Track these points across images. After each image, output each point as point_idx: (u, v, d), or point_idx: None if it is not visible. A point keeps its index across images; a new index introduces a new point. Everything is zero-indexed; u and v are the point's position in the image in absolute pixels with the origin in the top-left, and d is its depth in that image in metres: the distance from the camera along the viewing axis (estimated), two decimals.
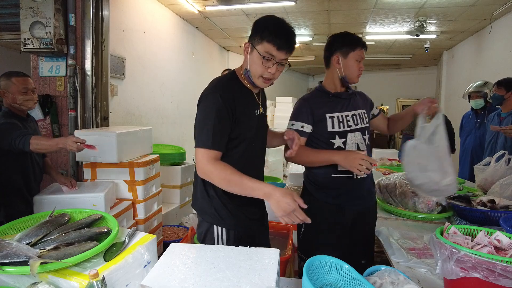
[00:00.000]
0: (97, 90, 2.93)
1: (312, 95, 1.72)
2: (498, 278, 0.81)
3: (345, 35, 1.65)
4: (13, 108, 1.94)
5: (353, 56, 1.61)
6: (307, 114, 1.63)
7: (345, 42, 1.63)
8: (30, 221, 1.23)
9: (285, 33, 1.23)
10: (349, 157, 1.48)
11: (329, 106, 1.65)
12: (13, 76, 1.92)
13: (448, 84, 6.84)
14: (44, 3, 2.65)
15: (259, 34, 1.22)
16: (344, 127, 1.63)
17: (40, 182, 2.10)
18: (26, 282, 0.95)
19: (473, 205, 1.75)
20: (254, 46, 1.23)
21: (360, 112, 1.70)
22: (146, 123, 4.04)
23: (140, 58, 3.96)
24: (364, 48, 1.64)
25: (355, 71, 1.63)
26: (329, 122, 1.62)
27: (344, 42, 1.63)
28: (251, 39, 1.25)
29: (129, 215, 2.36)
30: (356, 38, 1.64)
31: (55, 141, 1.80)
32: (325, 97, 1.68)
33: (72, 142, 1.74)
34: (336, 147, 1.62)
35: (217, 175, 1.18)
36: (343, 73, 1.63)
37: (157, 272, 0.99)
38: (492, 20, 4.62)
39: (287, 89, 9.31)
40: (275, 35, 1.20)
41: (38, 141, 1.77)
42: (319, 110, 1.63)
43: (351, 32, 1.70)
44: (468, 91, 3.34)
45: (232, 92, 1.26)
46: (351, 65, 1.62)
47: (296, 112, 1.67)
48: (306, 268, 0.94)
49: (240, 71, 1.34)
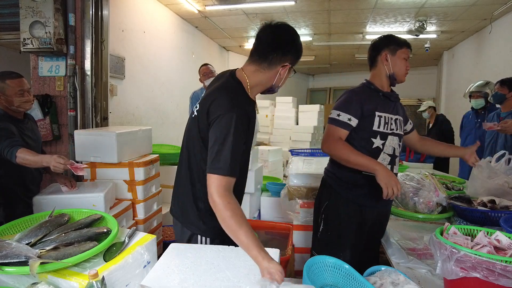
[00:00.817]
0: (97, 90, 2.93)
1: (362, 89, 1.68)
2: (498, 278, 0.81)
3: (391, 36, 1.70)
4: (9, 110, 1.89)
5: (401, 53, 1.63)
6: (356, 107, 1.58)
7: (392, 41, 1.66)
8: (30, 221, 1.22)
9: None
10: (390, 174, 1.43)
11: (379, 104, 1.62)
12: (7, 78, 1.86)
13: (449, 84, 6.83)
14: (44, 3, 2.64)
15: (297, 55, 1.25)
16: (387, 129, 1.61)
17: (40, 183, 2.10)
18: (26, 282, 0.95)
19: (474, 205, 1.75)
20: (292, 67, 1.25)
21: (400, 119, 1.69)
22: (146, 123, 4.04)
23: (139, 58, 3.96)
24: (409, 48, 1.67)
25: (403, 68, 1.64)
26: (377, 120, 1.59)
27: (391, 41, 1.66)
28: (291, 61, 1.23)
29: (128, 215, 2.35)
30: (402, 38, 1.68)
31: (39, 158, 1.72)
32: (374, 93, 1.65)
33: (57, 162, 1.67)
34: (375, 147, 1.60)
35: (225, 213, 1.04)
36: (391, 70, 1.64)
37: (157, 272, 0.98)
38: (493, 20, 4.62)
39: (287, 89, 9.30)
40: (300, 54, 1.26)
41: (24, 155, 1.70)
42: (370, 106, 1.59)
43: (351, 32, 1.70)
44: (469, 91, 3.33)
45: (246, 109, 1.19)
46: (399, 62, 1.63)
47: (344, 103, 1.61)
48: (306, 268, 0.94)
49: (246, 80, 1.25)
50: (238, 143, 1.12)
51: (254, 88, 1.26)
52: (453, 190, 2.25)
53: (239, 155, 1.13)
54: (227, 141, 1.10)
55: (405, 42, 1.66)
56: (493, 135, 2.91)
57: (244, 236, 1.00)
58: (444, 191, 1.87)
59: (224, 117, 1.13)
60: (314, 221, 1.77)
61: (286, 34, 1.22)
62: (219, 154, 1.10)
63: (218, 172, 1.08)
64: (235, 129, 1.11)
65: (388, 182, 1.41)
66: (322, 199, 1.72)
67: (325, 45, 6.36)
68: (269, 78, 1.24)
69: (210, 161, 1.11)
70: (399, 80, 1.67)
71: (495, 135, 2.89)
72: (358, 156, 1.50)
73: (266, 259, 0.95)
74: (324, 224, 1.68)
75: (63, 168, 1.69)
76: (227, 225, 1.03)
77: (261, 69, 1.22)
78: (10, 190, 1.91)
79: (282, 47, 1.19)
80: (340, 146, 1.52)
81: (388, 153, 1.61)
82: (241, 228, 1.01)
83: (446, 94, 6.91)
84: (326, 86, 10.04)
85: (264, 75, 1.23)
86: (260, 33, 1.23)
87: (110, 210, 2.11)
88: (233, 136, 1.10)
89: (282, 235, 2.53)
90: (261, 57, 1.21)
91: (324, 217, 1.69)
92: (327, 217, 1.68)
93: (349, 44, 6.26)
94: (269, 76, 1.23)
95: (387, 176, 1.42)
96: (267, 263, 0.94)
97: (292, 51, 1.22)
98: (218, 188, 1.07)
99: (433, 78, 8.22)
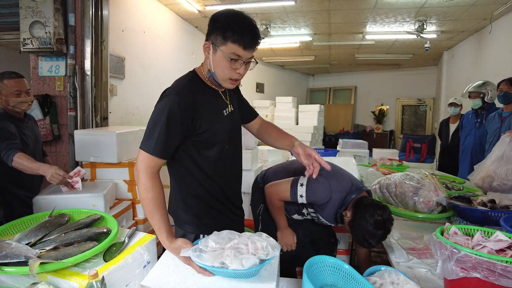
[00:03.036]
0: (97, 90, 2.93)
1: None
2: (498, 278, 0.80)
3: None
4: (8, 109, 1.90)
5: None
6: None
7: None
8: (30, 221, 1.22)
9: (249, 30, 1.12)
10: (285, 239, 1.62)
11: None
12: (5, 78, 1.86)
13: (448, 84, 6.83)
14: (44, 3, 2.64)
15: (221, 34, 1.11)
16: None
17: (40, 183, 2.09)
18: (26, 282, 0.95)
19: (474, 205, 1.75)
20: (217, 46, 1.12)
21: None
22: (146, 123, 4.00)
23: (139, 58, 3.96)
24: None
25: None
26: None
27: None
28: (212, 38, 1.13)
29: (128, 215, 2.35)
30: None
31: (36, 166, 1.70)
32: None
33: (56, 174, 1.67)
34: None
35: (144, 190, 1.12)
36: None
37: (157, 272, 0.98)
38: (492, 20, 4.62)
39: (287, 89, 9.31)
40: (240, 34, 1.09)
41: (21, 161, 1.68)
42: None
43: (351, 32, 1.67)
44: (467, 91, 3.33)
45: (192, 94, 1.17)
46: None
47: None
48: (306, 268, 0.94)
49: (202, 71, 1.25)
50: (169, 127, 1.13)
51: (212, 77, 1.21)
52: (453, 190, 2.25)
53: (171, 138, 1.15)
54: (158, 122, 1.14)
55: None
56: (495, 133, 2.89)
57: (158, 220, 1.11)
58: (444, 190, 1.87)
59: (160, 100, 1.19)
60: (254, 223, 1.80)
61: (214, 14, 1.15)
62: (150, 133, 1.15)
63: (146, 149, 1.14)
64: (166, 109, 1.13)
65: (287, 244, 1.62)
66: (257, 202, 1.75)
67: (325, 45, 6.36)
68: (206, 61, 1.21)
69: (143, 139, 1.17)
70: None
71: (497, 134, 2.87)
72: (278, 215, 1.62)
73: (169, 240, 1.09)
74: (262, 225, 1.73)
75: (61, 181, 1.72)
76: (146, 206, 1.12)
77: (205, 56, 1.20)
78: (10, 190, 1.91)
79: (211, 26, 1.15)
80: (275, 205, 1.60)
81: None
82: (157, 212, 1.11)
83: (446, 94, 6.91)
84: (326, 86, 10.04)
85: (207, 60, 1.20)
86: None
87: (110, 210, 2.11)
88: (165, 118, 1.13)
89: None
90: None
91: (261, 218, 1.74)
92: (264, 218, 1.72)
93: (349, 44, 6.26)
94: (208, 59, 1.18)
95: (283, 239, 1.61)
96: (168, 243, 1.09)
97: (212, 27, 1.14)
98: (147, 168, 1.12)
99: (433, 78, 8.22)
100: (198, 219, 1.29)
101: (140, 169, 1.13)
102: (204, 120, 1.19)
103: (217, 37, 1.12)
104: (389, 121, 9.20)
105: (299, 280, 1.10)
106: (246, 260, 0.91)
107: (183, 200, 1.30)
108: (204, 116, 1.19)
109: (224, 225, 1.31)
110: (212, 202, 1.31)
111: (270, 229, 1.65)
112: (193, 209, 1.29)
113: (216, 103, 1.26)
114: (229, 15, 1.13)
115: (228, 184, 1.35)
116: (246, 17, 1.14)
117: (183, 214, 1.30)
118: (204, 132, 1.20)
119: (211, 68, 1.18)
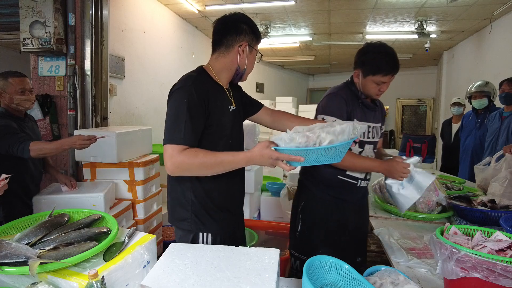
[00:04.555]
0: (97, 90, 2.93)
1: (345, 92, 1.60)
2: (498, 278, 0.80)
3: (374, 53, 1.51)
4: (10, 108, 1.92)
5: (372, 79, 1.51)
6: (341, 110, 1.53)
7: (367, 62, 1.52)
8: (30, 221, 1.22)
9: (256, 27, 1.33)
10: (392, 168, 1.46)
11: (359, 111, 1.58)
12: (10, 76, 1.90)
13: (448, 84, 6.83)
14: (44, 3, 2.64)
15: (255, 36, 1.30)
16: (364, 137, 1.60)
17: (39, 182, 2.09)
18: (26, 282, 0.95)
19: (474, 205, 1.75)
20: (252, 46, 1.30)
21: (377, 126, 1.67)
22: (146, 123, 4.03)
23: (139, 58, 3.96)
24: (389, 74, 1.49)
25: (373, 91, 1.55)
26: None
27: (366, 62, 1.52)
28: (248, 40, 1.28)
29: (128, 215, 2.36)
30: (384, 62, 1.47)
31: (59, 143, 1.76)
32: (355, 98, 1.59)
33: (82, 141, 1.75)
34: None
35: (193, 163, 1.10)
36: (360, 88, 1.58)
37: (157, 272, 0.98)
38: (493, 19, 4.62)
39: (287, 89, 9.31)
40: (258, 35, 1.32)
41: (40, 146, 1.72)
42: (352, 112, 1.56)
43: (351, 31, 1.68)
44: (470, 92, 3.30)
45: (205, 85, 1.23)
46: (369, 86, 1.54)
47: (330, 106, 1.56)
48: (306, 268, 0.94)
49: (210, 68, 1.32)
50: (192, 115, 1.14)
51: (221, 73, 1.31)
52: (453, 190, 2.25)
53: (197, 125, 1.16)
54: (180, 114, 1.14)
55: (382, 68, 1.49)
56: (494, 133, 2.90)
57: (226, 155, 1.11)
58: (444, 190, 1.87)
59: (175, 93, 1.19)
60: (292, 221, 1.78)
61: (233, 17, 1.30)
62: (175, 126, 1.14)
63: (176, 141, 1.12)
64: (185, 100, 1.14)
65: (396, 174, 1.46)
66: (300, 199, 1.74)
67: (325, 45, 6.36)
68: (231, 60, 1.29)
69: (167, 134, 1.15)
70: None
71: (496, 134, 2.87)
72: (361, 160, 1.53)
73: (250, 153, 1.07)
74: (302, 223, 1.70)
75: (89, 143, 1.79)
76: (206, 164, 1.10)
77: (221, 54, 1.29)
78: (9, 189, 1.90)
79: (232, 28, 1.27)
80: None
81: None
82: (217, 155, 1.10)
83: (446, 94, 6.91)
84: (326, 86, 10.04)
85: (226, 58, 1.29)
86: (213, 26, 1.32)
87: (110, 210, 2.12)
88: (186, 107, 1.13)
89: (282, 235, 2.53)
90: (217, 43, 1.29)
91: (301, 216, 1.71)
92: (304, 216, 1.70)
93: (349, 44, 6.26)
94: (231, 58, 1.28)
95: (391, 172, 1.47)
96: (250, 155, 1.07)
97: (243, 29, 1.27)
98: (175, 152, 1.10)
99: (433, 78, 8.22)
100: (197, 216, 1.29)
101: (174, 158, 1.10)
102: (214, 111, 1.22)
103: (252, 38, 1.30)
104: (389, 121, 9.20)
105: (299, 280, 1.10)
106: (339, 128, 0.97)
107: (184, 196, 1.30)
108: (214, 108, 1.23)
109: (226, 223, 1.31)
110: (214, 200, 1.31)
111: (311, 228, 1.65)
112: (193, 206, 1.29)
113: (223, 98, 1.31)
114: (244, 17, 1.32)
115: (231, 183, 1.36)
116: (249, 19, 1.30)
117: (182, 211, 1.31)
118: (212, 125, 1.23)
119: (241, 64, 1.29)
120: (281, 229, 2.60)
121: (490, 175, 2.14)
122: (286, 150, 1.01)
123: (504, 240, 0.95)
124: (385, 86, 1.53)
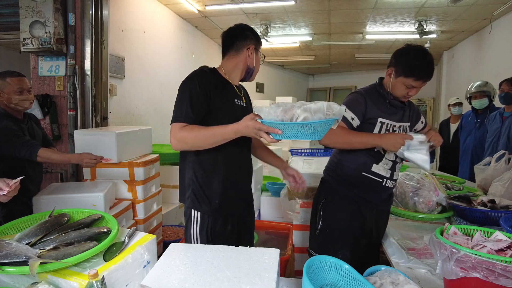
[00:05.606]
0: (97, 90, 2.93)
1: (369, 92, 1.62)
2: (498, 278, 0.80)
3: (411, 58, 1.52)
4: (8, 109, 1.91)
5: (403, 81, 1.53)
6: (361, 109, 1.55)
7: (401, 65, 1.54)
8: (30, 221, 1.22)
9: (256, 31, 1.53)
10: (390, 140, 1.48)
11: (384, 110, 1.58)
12: (8, 76, 1.89)
13: (448, 84, 6.83)
14: (44, 3, 2.64)
15: (258, 41, 1.51)
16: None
17: (39, 183, 2.09)
18: (26, 282, 0.95)
19: (474, 205, 1.75)
20: (258, 49, 1.50)
21: (405, 125, 1.65)
22: (146, 123, 4.03)
23: (139, 58, 3.96)
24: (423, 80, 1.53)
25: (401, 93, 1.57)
26: (378, 126, 1.56)
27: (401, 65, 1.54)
28: (254, 43, 1.48)
29: (128, 215, 2.35)
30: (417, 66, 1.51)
31: (66, 158, 1.88)
32: (381, 98, 1.60)
33: (89, 159, 1.83)
34: (376, 150, 1.59)
35: (189, 136, 1.26)
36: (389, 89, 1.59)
37: (157, 272, 0.98)
38: (493, 19, 4.62)
39: (287, 89, 9.31)
40: (260, 41, 1.53)
41: (48, 155, 1.82)
42: (374, 111, 1.56)
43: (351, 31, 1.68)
44: (470, 92, 3.29)
45: (209, 78, 1.39)
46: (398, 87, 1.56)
47: (349, 103, 1.58)
48: (306, 268, 0.94)
49: (221, 68, 1.50)
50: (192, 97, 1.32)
51: (232, 72, 1.49)
52: (453, 190, 2.25)
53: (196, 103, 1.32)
54: (183, 99, 1.33)
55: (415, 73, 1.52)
56: (495, 134, 2.89)
57: (217, 128, 1.23)
58: (444, 190, 1.87)
59: (181, 85, 1.39)
60: (312, 220, 1.76)
61: (239, 26, 1.51)
62: (178, 108, 1.33)
63: (175, 120, 1.31)
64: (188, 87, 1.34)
65: (394, 146, 1.47)
66: (321, 196, 1.72)
67: (325, 45, 6.36)
68: (241, 60, 1.48)
69: (172, 116, 1.33)
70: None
71: (497, 134, 2.87)
72: (360, 136, 1.53)
73: (237, 124, 1.17)
74: (322, 222, 1.67)
75: (95, 163, 1.89)
76: (201, 137, 1.25)
77: (231, 56, 1.48)
78: None
79: (240, 34, 1.48)
80: (339, 132, 1.49)
81: (390, 159, 1.60)
82: (210, 129, 1.25)
83: (446, 94, 6.91)
84: (326, 86, 10.04)
85: (236, 59, 1.48)
86: (222, 36, 1.52)
87: (110, 210, 2.11)
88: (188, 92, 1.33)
89: (282, 235, 2.54)
90: (227, 47, 1.49)
91: (322, 214, 1.68)
92: (325, 214, 1.67)
93: (349, 44, 6.26)
94: (240, 59, 1.48)
95: (389, 143, 1.48)
96: (237, 126, 1.17)
97: (249, 35, 1.48)
98: (176, 128, 1.28)
99: (433, 78, 8.16)
100: (195, 195, 1.42)
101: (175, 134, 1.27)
102: (217, 97, 1.37)
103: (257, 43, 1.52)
104: None
105: (299, 280, 1.10)
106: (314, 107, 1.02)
107: (188, 175, 1.43)
108: (217, 95, 1.37)
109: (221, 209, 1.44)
110: (212, 184, 1.42)
111: (332, 228, 1.64)
112: (193, 184, 1.42)
113: (229, 91, 1.46)
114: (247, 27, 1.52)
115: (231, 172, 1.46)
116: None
117: (183, 189, 1.47)
118: (216, 110, 1.36)
119: (251, 65, 1.48)
120: (281, 229, 2.60)
121: (490, 175, 2.14)
122: (270, 123, 1.08)
123: (504, 240, 0.95)
124: (414, 91, 1.54)
